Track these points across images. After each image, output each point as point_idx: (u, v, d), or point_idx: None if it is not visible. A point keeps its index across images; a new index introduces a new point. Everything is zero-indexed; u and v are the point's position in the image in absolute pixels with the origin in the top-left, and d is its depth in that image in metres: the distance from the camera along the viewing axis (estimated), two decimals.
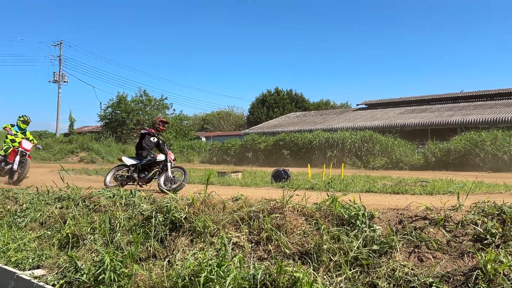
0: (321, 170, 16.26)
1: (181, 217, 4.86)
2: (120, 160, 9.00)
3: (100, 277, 4.29)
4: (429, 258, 3.88)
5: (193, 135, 41.78)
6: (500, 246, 3.79)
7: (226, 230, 4.55)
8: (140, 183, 8.69)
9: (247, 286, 3.55)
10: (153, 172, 8.64)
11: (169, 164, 8.59)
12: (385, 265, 3.83)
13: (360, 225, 4.30)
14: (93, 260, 4.82)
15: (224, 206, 4.96)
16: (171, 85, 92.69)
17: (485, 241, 3.89)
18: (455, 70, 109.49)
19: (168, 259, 4.50)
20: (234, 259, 3.86)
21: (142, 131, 8.97)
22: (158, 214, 5.09)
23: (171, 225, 4.94)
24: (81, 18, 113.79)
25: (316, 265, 3.97)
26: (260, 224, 4.53)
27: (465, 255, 3.84)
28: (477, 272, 3.49)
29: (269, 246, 4.30)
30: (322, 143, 26.05)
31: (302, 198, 5.00)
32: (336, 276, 3.85)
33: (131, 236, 5.04)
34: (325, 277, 3.88)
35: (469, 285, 3.48)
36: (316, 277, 3.69)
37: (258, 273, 3.60)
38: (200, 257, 4.10)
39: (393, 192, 9.49)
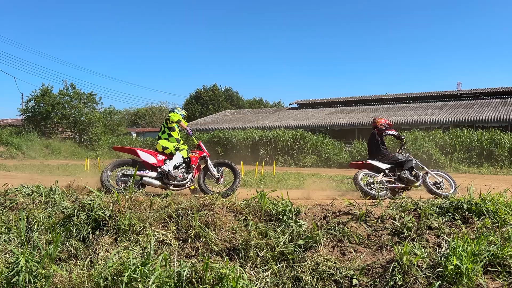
0: (254, 168, 16.43)
1: (105, 215, 4.66)
2: (363, 164, 8.03)
3: (14, 279, 3.99)
4: (351, 252, 4.04)
5: (122, 130, 40.37)
6: (415, 239, 4.04)
7: (152, 228, 4.43)
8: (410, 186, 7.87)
9: (172, 284, 3.49)
10: (414, 173, 7.91)
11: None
12: (310, 259, 3.94)
13: (287, 220, 4.38)
14: (6, 261, 4.48)
15: (151, 204, 4.83)
16: (100, 78, 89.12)
17: (402, 235, 4.14)
18: (381, 73, 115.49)
19: (90, 258, 4.30)
20: (159, 257, 3.77)
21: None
22: (80, 212, 4.84)
23: (95, 224, 4.72)
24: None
25: (243, 261, 4.00)
26: (189, 221, 4.47)
27: (384, 248, 4.05)
28: (394, 264, 3.70)
29: (197, 243, 4.26)
30: (255, 141, 26.33)
31: (232, 194, 5.00)
32: (262, 271, 3.90)
33: (50, 235, 4.75)
34: (252, 272, 3.91)
35: (386, 276, 3.68)
36: (242, 273, 3.71)
37: (183, 271, 3.55)
38: (124, 256, 3.96)
39: (321, 188, 9.82)
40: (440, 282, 3.47)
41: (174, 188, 7.10)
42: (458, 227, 4.17)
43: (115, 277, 3.71)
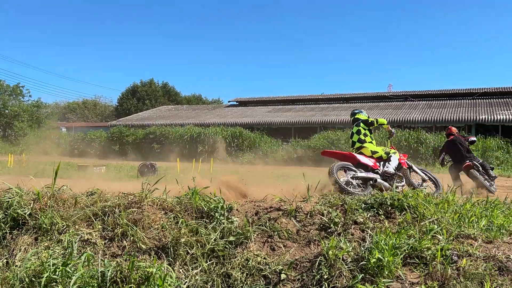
0: (191, 165, 16.27)
1: (25, 213, 4.36)
2: (471, 165, 9.57)
3: None
4: (280, 247, 4.10)
5: (52, 124, 38.22)
6: (341, 234, 4.18)
7: (76, 226, 4.22)
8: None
9: (95, 285, 3.34)
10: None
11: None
12: (240, 256, 3.94)
13: (218, 217, 4.36)
14: None
15: (76, 201, 4.60)
16: (28, 70, 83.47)
17: (329, 230, 4.26)
18: (318, 74, 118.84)
19: (6, 260, 4.01)
20: (82, 257, 3.60)
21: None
22: None
23: (13, 223, 4.40)
24: None
25: (172, 259, 3.92)
26: (116, 219, 4.30)
27: (312, 243, 4.15)
28: (320, 258, 3.79)
29: (124, 242, 4.11)
30: (193, 137, 26.08)
31: (163, 192, 4.89)
32: (192, 269, 3.85)
33: None
34: (181, 270, 3.85)
35: (313, 270, 3.76)
36: (170, 271, 3.63)
37: (108, 270, 3.41)
38: (44, 256, 3.73)
39: (256, 185, 9.88)
40: (363, 274, 3.60)
41: (396, 190, 6.99)
42: (382, 222, 4.36)
43: (33, 279, 3.49)
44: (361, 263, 3.70)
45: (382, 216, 4.45)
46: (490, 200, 5.29)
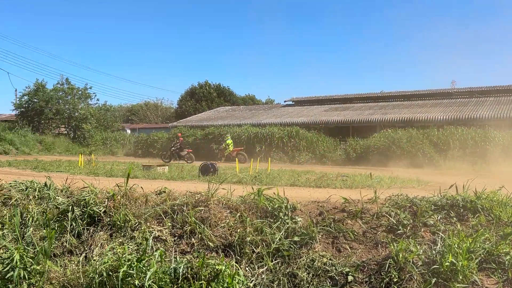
0: (249, 165, 16.44)
1: (100, 211, 4.64)
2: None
3: (9, 275, 3.97)
4: (346, 249, 4.05)
5: (117, 126, 40.16)
6: (411, 236, 4.05)
7: (148, 224, 4.42)
8: None
9: (168, 280, 3.48)
10: None
11: None
12: (305, 256, 3.94)
13: (282, 217, 4.39)
14: (1, 257, 4.45)
15: (146, 200, 4.81)
16: (95, 74, 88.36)
17: (398, 232, 4.15)
18: (375, 70, 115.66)
19: (85, 254, 4.28)
20: (155, 253, 3.76)
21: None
22: (75, 208, 4.81)
23: (89, 219, 4.70)
24: None
25: (238, 257, 3.99)
26: (184, 217, 4.46)
27: (379, 245, 4.06)
28: (390, 261, 3.71)
29: (193, 239, 4.25)
30: (250, 137, 26.35)
31: (228, 191, 4.99)
32: (258, 268, 3.90)
33: (45, 231, 4.72)
34: (247, 268, 3.91)
35: (382, 273, 3.68)
36: (238, 269, 3.71)
37: (180, 267, 3.54)
38: (119, 252, 3.94)
39: (315, 185, 9.80)
40: (435, 279, 3.48)
41: None
42: (453, 224, 4.18)
43: (110, 273, 3.69)
44: (433, 267, 3.57)
45: (454, 219, 4.26)
46: None
